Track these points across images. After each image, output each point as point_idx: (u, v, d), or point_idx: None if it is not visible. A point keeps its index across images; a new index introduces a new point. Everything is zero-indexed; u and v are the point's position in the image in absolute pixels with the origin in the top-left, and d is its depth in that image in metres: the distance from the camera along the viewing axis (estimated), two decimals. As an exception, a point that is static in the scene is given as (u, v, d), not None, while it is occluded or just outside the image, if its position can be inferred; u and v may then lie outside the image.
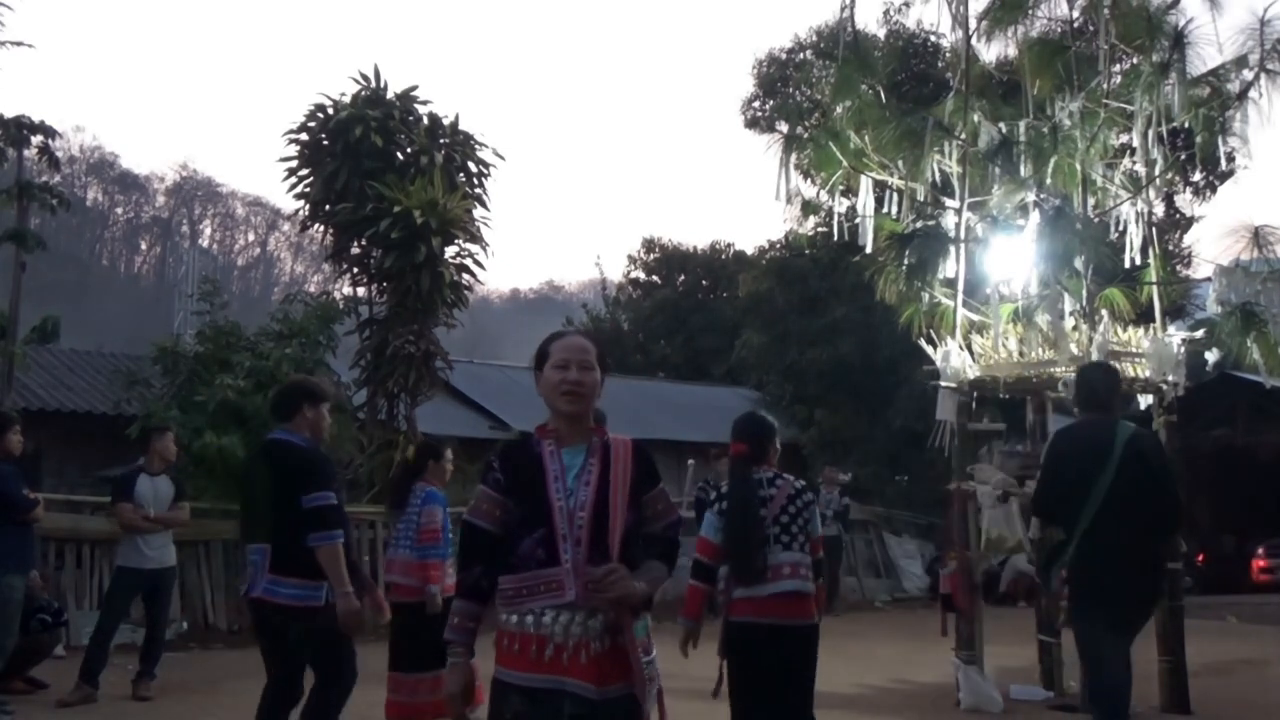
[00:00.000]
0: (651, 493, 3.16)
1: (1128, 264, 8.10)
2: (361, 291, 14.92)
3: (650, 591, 3.04)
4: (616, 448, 3.12)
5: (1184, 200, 20.20)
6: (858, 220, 8.76)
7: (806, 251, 20.56)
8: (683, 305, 26.04)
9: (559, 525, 2.99)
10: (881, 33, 19.60)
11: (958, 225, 8.19)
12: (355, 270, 14.79)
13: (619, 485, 3.06)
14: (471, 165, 14.89)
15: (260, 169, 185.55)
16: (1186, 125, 7.85)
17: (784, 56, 22.50)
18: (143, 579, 7.75)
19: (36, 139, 12.13)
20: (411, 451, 6.59)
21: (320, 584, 4.78)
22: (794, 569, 4.72)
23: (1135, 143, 7.87)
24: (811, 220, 18.03)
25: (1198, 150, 9.27)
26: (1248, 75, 7.48)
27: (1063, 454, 5.15)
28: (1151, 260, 8.03)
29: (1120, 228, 8.08)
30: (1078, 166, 7.66)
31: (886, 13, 19.91)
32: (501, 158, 15.20)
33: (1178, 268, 16.23)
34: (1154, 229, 8.18)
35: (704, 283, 26.67)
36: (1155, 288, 8.02)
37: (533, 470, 3.06)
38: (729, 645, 4.73)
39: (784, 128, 12.92)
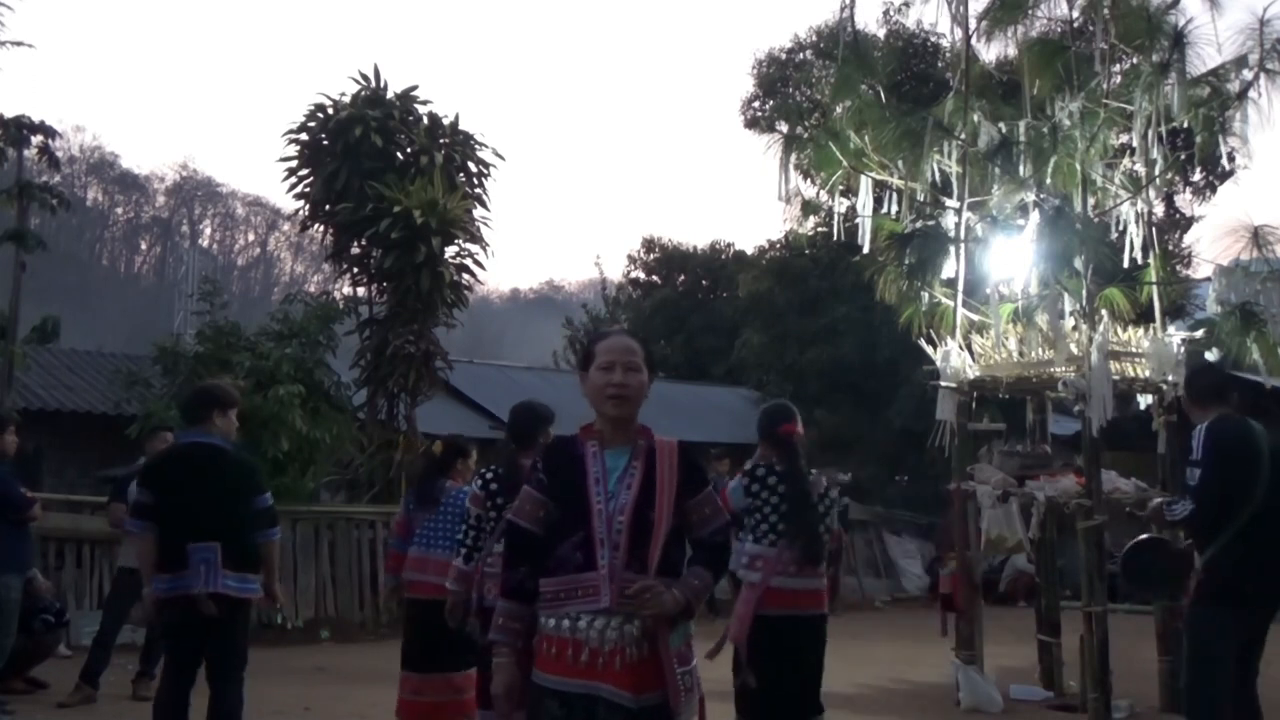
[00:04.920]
0: (697, 497, 3.10)
1: (1128, 264, 8.09)
2: (361, 291, 14.93)
3: (690, 600, 2.99)
4: (662, 450, 3.07)
5: (1184, 200, 20.15)
6: (858, 220, 8.76)
7: (806, 251, 20.54)
8: (683, 305, 26.00)
9: (597, 529, 2.95)
10: (881, 33, 19.55)
11: (958, 225, 8.19)
12: (355, 270, 14.79)
13: (664, 490, 3.01)
14: (471, 165, 14.90)
15: (260, 169, 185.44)
16: (1186, 125, 7.84)
17: (784, 56, 22.47)
18: (139, 578, 7.75)
19: (36, 139, 12.15)
20: (439, 447, 6.59)
21: (259, 577, 5.26)
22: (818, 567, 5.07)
23: (1135, 143, 7.86)
24: (811, 220, 18.01)
25: (1198, 150, 9.26)
26: (1247, 75, 7.47)
27: (1227, 449, 4.84)
28: (1151, 260, 8.03)
29: (1120, 228, 8.08)
30: (1078, 166, 7.65)
31: (886, 13, 19.85)
32: (501, 158, 15.23)
33: (1178, 268, 16.20)
34: (1154, 229, 8.17)
35: (704, 283, 26.62)
36: (1155, 288, 8.02)
37: (574, 472, 3.03)
38: (757, 635, 4.85)
39: (784, 128, 12.90)
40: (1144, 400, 7.95)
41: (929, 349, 8.14)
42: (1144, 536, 6.33)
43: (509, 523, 3.14)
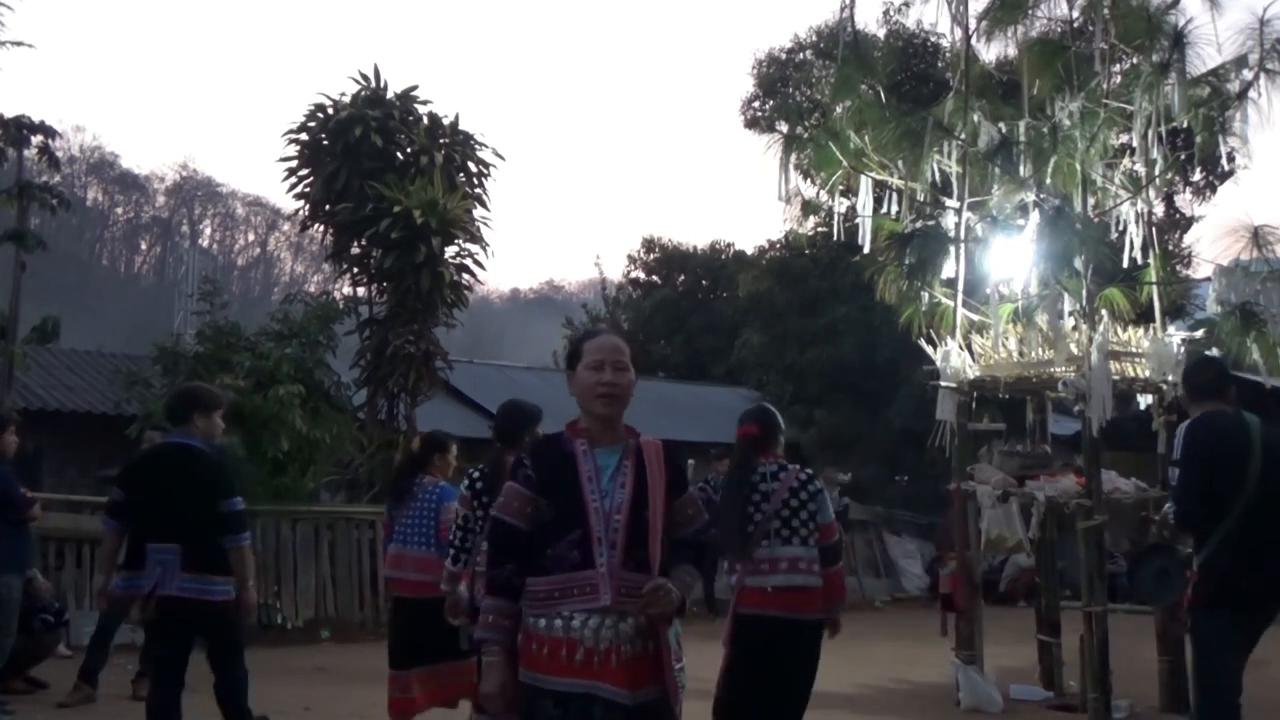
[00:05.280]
0: (681, 498, 3.12)
1: (1128, 264, 8.09)
2: (361, 291, 14.94)
3: (684, 598, 3.02)
4: (648, 450, 3.08)
5: (1184, 200, 20.17)
6: (858, 220, 8.76)
7: (806, 251, 20.54)
8: (683, 305, 26.02)
9: (595, 527, 2.94)
10: (881, 33, 19.54)
11: (958, 225, 8.19)
12: (355, 270, 14.80)
13: (656, 489, 3.02)
14: (471, 165, 14.90)
15: (260, 169, 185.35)
16: (1186, 125, 7.84)
17: (784, 56, 22.47)
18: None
19: (36, 139, 12.14)
20: (417, 443, 6.54)
21: (231, 579, 5.15)
22: (793, 563, 4.72)
23: (1135, 143, 7.86)
24: (811, 220, 18.02)
25: (1198, 150, 9.27)
26: (1247, 75, 7.47)
27: (1207, 446, 4.71)
28: (1151, 260, 8.03)
29: (1120, 228, 8.08)
30: (1078, 166, 7.65)
31: (886, 13, 19.84)
32: (501, 158, 15.23)
33: (1178, 268, 16.20)
34: (1154, 229, 8.17)
35: (704, 283, 26.63)
36: (1155, 288, 8.02)
37: (566, 470, 3.01)
38: (733, 636, 4.76)
39: (784, 128, 12.90)
40: (1144, 400, 7.95)
41: (929, 349, 8.14)
42: (1151, 542, 6.29)
43: (494, 519, 3.12)
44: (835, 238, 9.65)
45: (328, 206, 14.29)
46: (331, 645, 10.62)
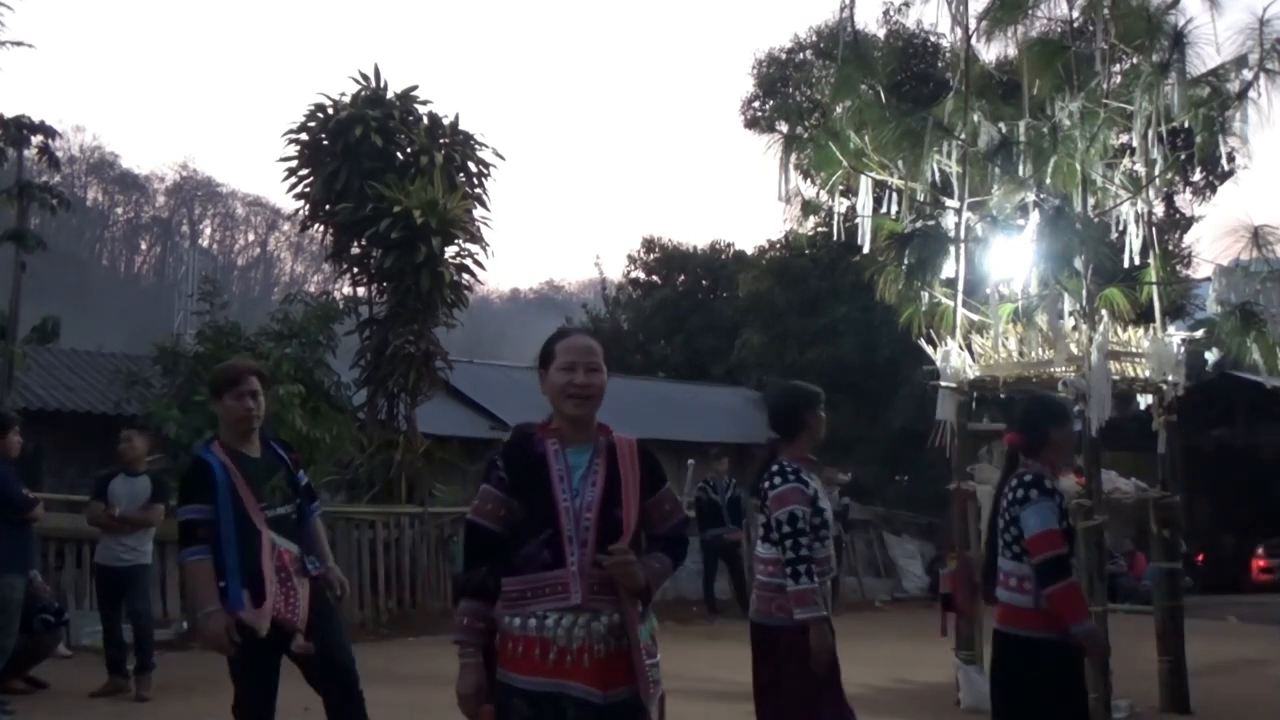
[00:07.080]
0: (657, 495, 3.12)
1: (1128, 264, 8.10)
2: (361, 291, 14.92)
3: (650, 581, 3.01)
4: (622, 448, 3.09)
5: (1184, 200, 20.21)
6: (858, 220, 8.76)
7: (806, 251, 20.58)
8: (683, 305, 26.04)
9: (565, 527, 2.96)
10: (881, 33, 19.59)
11: (958, 225, 8.18)
12: (355, 270, 14.79)
13: (629, 486, 3.03)
14: (471, 165, 14.88)
15: (260, 169, 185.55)
16: (1186, 125, 7.84)
17: (784, 56, 22.51)
18: (114, 576, 7.82)
19: (36, 139, 12.15)
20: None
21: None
22: (1003, 578, 4.45)
23: (1135, 143, 7.86)
24: (811, 220, 18.04)
25: (1198, 150, 9.26)
26: (1247, 75, 7.47)
27: None
28: (1151, 260, 8.03)
29: (1120, 228, 8.07)
30: (1078, 166, 7.65)
31: (886, 13, 19.89)
32: (501, 158, 15.20)
33: (1178, 268, 16.22)
34: (1154, 229, 8.17)
35: (704, 283, 26.66)
36: (1155, 288, 8.02)
37: (537, 470, 3.03)
38: None
39: (784, 128, 12.91)
40: (1144, 400, 7.95)
41: (929, 349, 8.14)
42: None
43: (469, 522, 3.14)
44: (835, 238, 9.64)
45: (328, 206, 14.28)
46: (331, 645, 10.60)
